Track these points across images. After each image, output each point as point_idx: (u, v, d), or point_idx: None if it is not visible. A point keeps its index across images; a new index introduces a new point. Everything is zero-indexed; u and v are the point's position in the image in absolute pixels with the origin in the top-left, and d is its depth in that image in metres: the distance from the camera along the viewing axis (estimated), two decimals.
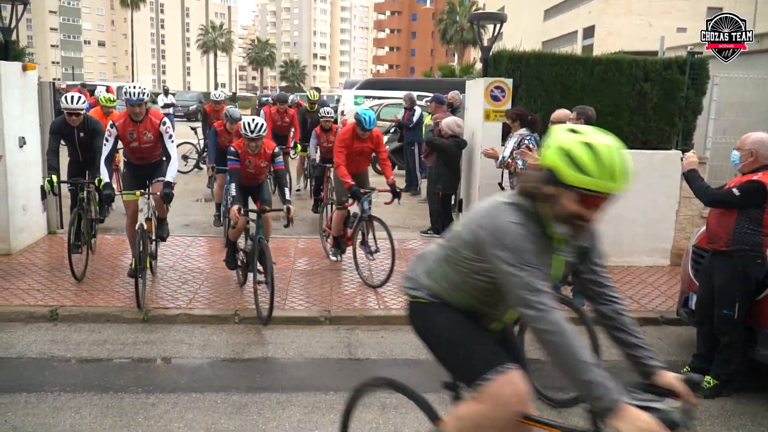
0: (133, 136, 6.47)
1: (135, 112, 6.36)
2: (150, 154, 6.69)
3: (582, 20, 42.07)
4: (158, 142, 6.59)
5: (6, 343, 5.46)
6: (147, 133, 6.49)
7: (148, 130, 6.49)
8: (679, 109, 8.12)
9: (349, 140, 7.31)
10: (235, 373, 5.12)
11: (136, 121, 6.42)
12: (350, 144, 7.32)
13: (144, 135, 6.49)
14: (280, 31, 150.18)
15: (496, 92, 7.83)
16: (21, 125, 7.81)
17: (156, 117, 6.54)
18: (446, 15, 65.40)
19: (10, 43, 7.82)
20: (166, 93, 22.60)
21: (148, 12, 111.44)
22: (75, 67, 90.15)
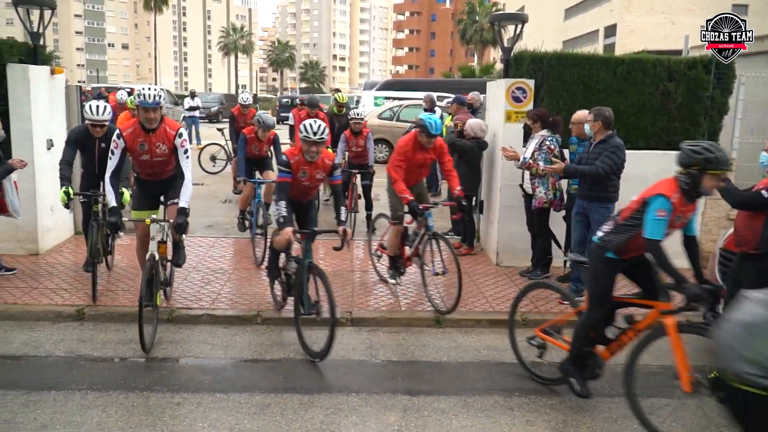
0: (143, 148, 5.55)
1: (149, 119, 5.42)
2: (162, 169, 5.80)
3: (604, 19, 41.70)
4: (172, 156, 5.68)
5: (34, 341, 5.56)
6: (160, 145, 5.57)
7: (162, 142, 5.56)
8: (704, 109, 8.01)
9: (411, 151, 6.59)
10: (257, 374, 5.16)
11: (149, 130, 5.51)
12: (411, 156, 6.60)
13: (157, 147, 5.57)
14: (300, 32, 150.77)
15: (517, 93, 7.80)
16: (49, 128, 7.94)
17: (171, 127, 5.62)
18: (466, 15, 65.19)
19: (38, 48, 7.94)
20: (193, 96, 22.65)
21: (171, 15, 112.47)
22: (99, 69, 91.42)
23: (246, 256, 8.11)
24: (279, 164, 5.68)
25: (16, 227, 7.58)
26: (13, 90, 7.52)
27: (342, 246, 5.59)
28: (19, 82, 7.52)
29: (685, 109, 7.96)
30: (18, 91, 7.52)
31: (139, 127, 5.52)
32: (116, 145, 5.49)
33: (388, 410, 4.58)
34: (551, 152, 7.04)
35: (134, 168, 5.98)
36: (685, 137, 8.01)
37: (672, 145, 7.99)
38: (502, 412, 4.59)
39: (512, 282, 7.35)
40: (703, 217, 7.98)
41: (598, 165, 6.16)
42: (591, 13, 43.79)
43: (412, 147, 6.60)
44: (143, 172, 5.83)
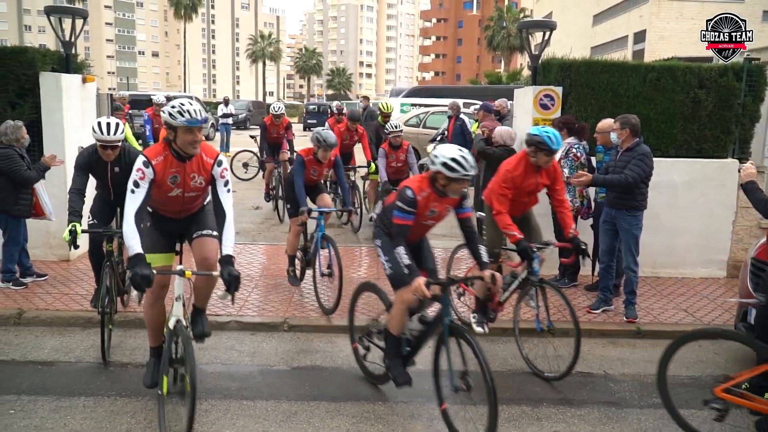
0: (175, 181, 4.23)
1: (194, 142, 4.09)
2: (191, 205, 4.54)
3: (633, 25, 41.28)
4: (206, 189, 4.44)
5: (65, 347, 5.65)
6: (196, 176, 4.28)
7: (198, 173, 4.27)
8: (735, 117, 7.88)
9: (520, 177, 5.41)
10: (284, 381, 5.18)
11: (184, 157, 4.19)
12: (520, 182, 5.44)
13: (192, 179, 4.28)
14: (327, 39, 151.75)
15: (545, 100, 7.76)
16: (80, 136, 8.08)
17: (208, 154, 4.29)
18: (494, 22, 64.99)
19: (70, 57, 8.10)
20: (227, 103, 22.23)
21: (200, 23, 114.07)
22: (129, 77, 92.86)
23: (274, 262, 8.16)
24: (401, 201, 4.26)
25: (47, 233, 7.72)
26: (45, 98, 7.68)
27: (489, 301, 5.55)
28: (52, 90, 7.68)
29: (715, 116, 7.85)
30: (50, 100, 7.68)
31: (171, 153, 4.16)
32: (142, 176, 4.05)
33: (415, 419, 4.56)
34: (577, 160, 6.98)
35: (151, 203, 4.39)
36: (716, 145, 7.92)
37: (702, 153, 7.90)
38: (530, 422, 4.55)
39: None
40: (734, 226, 7.85)
41: (627, 174, 6.09)
42: (620, 18, 43.38)
43: (522, 171, 5.42)
44: (164, 207, 4.42)
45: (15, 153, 6.57)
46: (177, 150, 4.16)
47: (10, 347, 5.61)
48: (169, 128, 4.09)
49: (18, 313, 6.19)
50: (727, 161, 7.86)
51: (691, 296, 7.23)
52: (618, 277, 6.86)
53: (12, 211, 6.68)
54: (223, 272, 4.01)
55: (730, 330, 4.29)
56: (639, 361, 5.70)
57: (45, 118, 7.67)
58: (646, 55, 34.95)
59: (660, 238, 7.62)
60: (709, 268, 7.91)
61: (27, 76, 7.70)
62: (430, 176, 4.36)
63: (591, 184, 6.40)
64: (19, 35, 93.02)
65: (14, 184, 6.58)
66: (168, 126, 4.08)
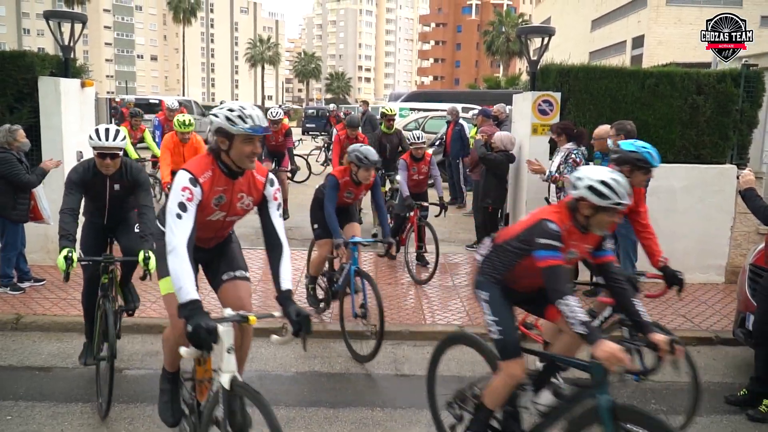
0: (221, 201, 3.48)
1: (251, 155, 3.36)
2: (225, 231, 3.86)
3: (631, 30, 41.41)
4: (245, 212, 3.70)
5: (62, 352, 5.63)
6: (244, 197, 3.55)
7: (248, 192, 3.54)
8: (733, 123, 7.90)
9: None
10: (282, 387, 5.17)
11: (236, 174, 3.45)
12: None
13: (239, 200, 3.55)
14: (326, 43, 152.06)
15: (543, 106, 7.77)
16: (79, 140, 8.07)
17: (260, 171, 3.57)
18: (493, 27, 65.19)
19: (69, 61, 8.10)
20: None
21: (199, 27, 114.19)
22: (128, 80, 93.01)
23: None
24: (544, 236, 3.31)
25: (45, 238, 7.71)
26: (44, 102, 7.67)
27: None
28: (51, 94, 7.67)
29: (713, 122, 7.87)
30: (49, 104, 7.67)
31: (219, 168, 3.42)
32: (190, 196, 3.26)
33: (413, 425, 4.56)
34: (577, 165, 6.99)
35: None
36: (714, 151, 7.94)
37: (700, 159, 7.92)
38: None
39: None
40: (733, 231, 7.86)
41: None
42: (618, 24, 43.54)
43: None
44: (197, 236, 3.38)
45: (12, 157, 6.55)
46: (228, 164, 3.40)
47: (8, 352, 5.60)
48: (221, 136, 3.32)
49: (15, 318, 6.17)
50: (726, 167, 7.87)
51: (689, 302, 7.22)
52: None
53: (10, 215, 6.66)
54: (290, 312, 3.26)
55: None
56: None
57: (43, 122, 7.67)
58: (644, 60, 35.07)
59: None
60: (707, 273, 7.92)
61: (26, 81, 7.70)
62: (569, 205, 3.43)
63: None
64: (18, 38, 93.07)
65: (12, 189, 6.57)
66: (221, 134, 3.32)
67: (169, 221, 3.22)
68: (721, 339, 6.20)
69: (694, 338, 6.23)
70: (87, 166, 4.86)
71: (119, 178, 4.88)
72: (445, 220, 9.03)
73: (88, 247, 5.02)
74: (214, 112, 3.36)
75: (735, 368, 5.70)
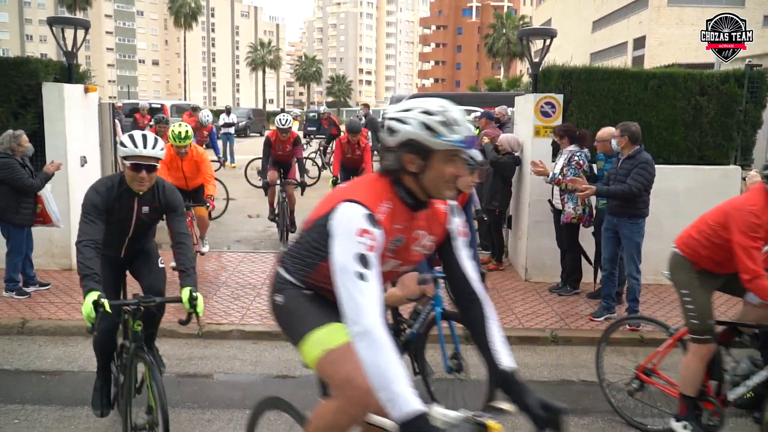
0: (398, 244, 2.47)
1: (453, 179, 2.39)
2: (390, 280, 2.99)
3: (632, 31, 41.42)
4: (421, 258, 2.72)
5: (68, 356, 5.65)
6: (426, 236, 2.55)
7: (428, 230, 2.55)
8: (737, 124, 7.90)
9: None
10: (287, 390, 5.16)
11: (421, 205, 2.46)
12: None
13: (415, 241, 2.53)
14: (327, 47, 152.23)
15: (546, 108, 7.77)
16: (82, 145, 8.10)
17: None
18: (493, 29, 65.24)
19: (72, 67, 8.12)
20: (228, 112, 22.04)
21: (200, 31, 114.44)
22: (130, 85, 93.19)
23: None
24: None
25: (50, 242, 7.73)
26: (48, 108, 7.70)
27: None
28: (54, 100, 7.69)
29: (717, 123, 7.86)
30: (53, 110, 7.69)
31: (400, 199, 2.41)
32: (371, 243, 2.24)
33: None
34: (580, 168, 6.99)
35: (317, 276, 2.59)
36: (718, 152, 7.93)
37: (704, 160, 7.91)
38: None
39: (541, 298, 7.29)
40: None
41: (630, 183, 6.07)
42: (619, 25, 43.55)
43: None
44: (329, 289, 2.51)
45: (15, 162, 6.58)
46: (413, 191, 2.38)
47: (14, 356, 5.61)
48: (412, 152, 2.29)
49: (21, 322, 6.19)
50: (730, 168, 7.86)
51: None
52: (620, 284, 6.85)
53: (13, 219, 6.68)
54: (530, 404, 2.35)
55: None
56: None
57: (47, 127, 7.69)
58: (645, 61, 35.07)
59: (663, 246, 7.53)
60: None
61: (29, 87, 7.73)
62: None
63: (595, 194, 6.39)
64: (21, 45, 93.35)
65: (16, 193, 6.59)
66: (412, 149, 2.28)
67: (349, 287, 2.18)
68: None
69: None
70: (111, 184, 3.94)
71: (150, 199, 4.03)
72: None
73: (104, 290, 3.59)
74: (397, 116, 2.33)
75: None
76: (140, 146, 3.80)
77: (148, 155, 3.82)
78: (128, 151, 3.81)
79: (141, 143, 3.81)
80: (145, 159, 3.82)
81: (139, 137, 3.87)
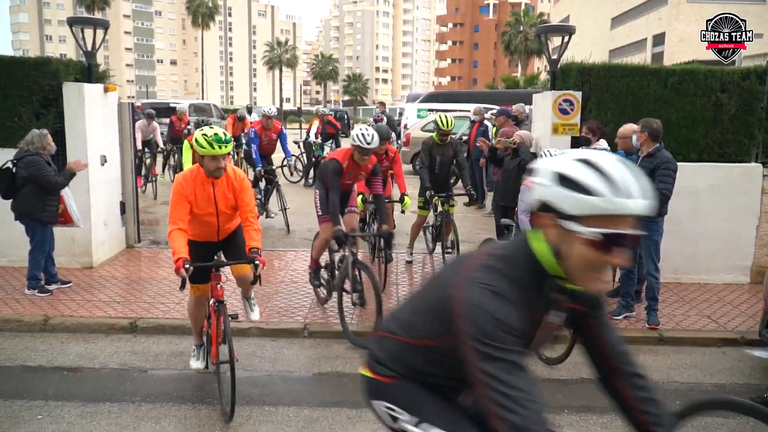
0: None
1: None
2: None
3: (651, 27, 41.00)
4: None
5: (90, 353, 5.71)
6: None
7: None
8: (758, 121, 7.80)
9: None
10: (305, 388, 5.20)
11: None
12: None
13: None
14: (343, 45, 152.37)
15: (564, 105, 7.73)
16: (102, 144, 8.19)
17: None
18: (510, 27, 64.93)
19: (92, 66, 8.21)
20: (250, 111, 20.43)
21: (218, 31, 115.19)
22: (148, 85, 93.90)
23: (293, 268, 8.19)
24: None
25: (71, 241, 7.82)
26: (68, 108, 7.79)
27: None
28: (75, 100, 7.78)
29: (738, 120, 7.77)
30: (74, 109, 7.79)
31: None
32: None
33: None
34: None
35: None
36: (739, 149, 7.84)
37: (725, 158, 7.83)
38: None
39: None
40: (758, 231, 7.75)
41: (660, 188, 5.94)
42: (638, 21, 43.12)
43: None
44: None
45: (42, 160, 6.71)
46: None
47: (37, 353, 5.69)
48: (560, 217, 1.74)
49: (44, 319, 6.27)
50: (751, 166, 7.78)
51: (714, 302, 7.15)
52: (639, 283, 6.80)
53: (40, 217, 6.79)
54: None
55: None
56: (662, 368, 5.65)
57: (68, 127, 7.78)
58: (665, 58, 34.72)
59: (682, 244, 7.55)
60: (732, 274, 7.83)
61: (51, 87, 7.82)
62: None
63: None
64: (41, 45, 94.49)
65: (41, 191, 6.70)
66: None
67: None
68: (747, 340, 6.12)
69: (720, 339, 6.16)
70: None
71: None
72: (466, 220, 9.02)
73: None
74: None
75: (761, 369, 5.63)
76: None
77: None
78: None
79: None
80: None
81: None
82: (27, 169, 6.63)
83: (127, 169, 8.90)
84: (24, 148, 6.74)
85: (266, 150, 10.67)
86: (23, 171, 6.64)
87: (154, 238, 9.87)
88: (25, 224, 6.87)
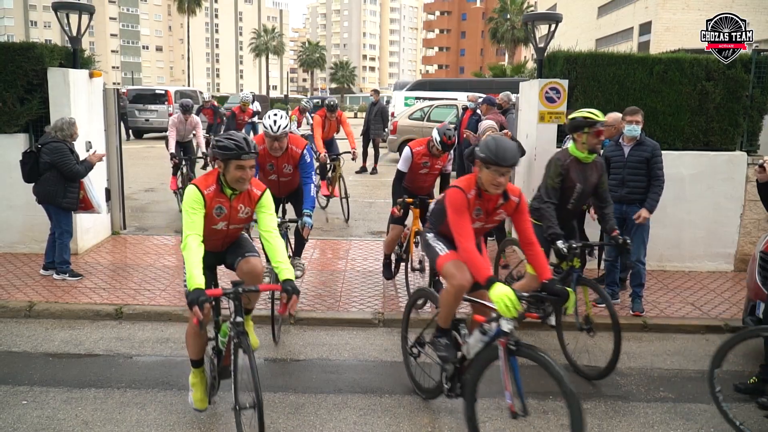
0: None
1: None
2: None
3: (638, 16, 41.06)
4: None
5: (75, 339, 5.69)
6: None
7: None
8: (743, 109, 7.86)
9: None
10: (291, 374, 5.20)
11: None
12: None
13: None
14: (330, 33, 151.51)
15: (551, 93, 7.74)
16: (87, 130, 8.10)
17: None
18: (498, 14, 64.80)
19: (77, 52, 8.11)
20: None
21: (204, 17, 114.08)
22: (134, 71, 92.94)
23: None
24: None
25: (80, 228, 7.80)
26: (53, 93, 7.70)
27: None
28: (60, 85, 7.69)
29: (723, 109, 7.82)
30: (58, 95, 7.70)
31: None
32: None
33: (422, 411, 4.59)
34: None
35: None
36: (724, 137, 7.90)
37: (710, 146, 7.88)
38: (536, 416, 4.55)
39: None
40: (743, 219, 7.83)
41: (661, 176, 6.18)
42: (625, 10, 43.17)
43: None
44: None
45: (66, 147, 6.78)
46: None
47: (22, 339, 5.66)
48: None
49: (29, 305, 6.23)
50: (735, 154, 7.84)
51: (698, 290, 7.22)
52: (623, 270, 6.86)
53: (61, 204, 6.88)
54: None
55: None
56: (645, 355, 5.71)
57: (53, 113, 7.68)
58: (651, 47, 34.82)
59: (667, 232, 7.62)
60: (716, 261, 7.91)
61: (35, 72, 7.73)
62: None
63: (650, 213, 6.25)
64: (25, 30, 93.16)
65: (63, 178, 6.78)
66: None
67: None
68: (731, 327, 6.18)
69: (703, 326, 6.24)
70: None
71: None
72: None
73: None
74: None
75: (744, 356, 5.69)
76: None
77: None
78: None
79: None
80: None
81: None
82: (50, 155, 6.71)
83: (112, 155, 8.82)
84: (51, 134, 6.81)
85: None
86: (46, 156, 6.72)
87: (139, 224, 9.81)
88: (46, 209, 6.97)
